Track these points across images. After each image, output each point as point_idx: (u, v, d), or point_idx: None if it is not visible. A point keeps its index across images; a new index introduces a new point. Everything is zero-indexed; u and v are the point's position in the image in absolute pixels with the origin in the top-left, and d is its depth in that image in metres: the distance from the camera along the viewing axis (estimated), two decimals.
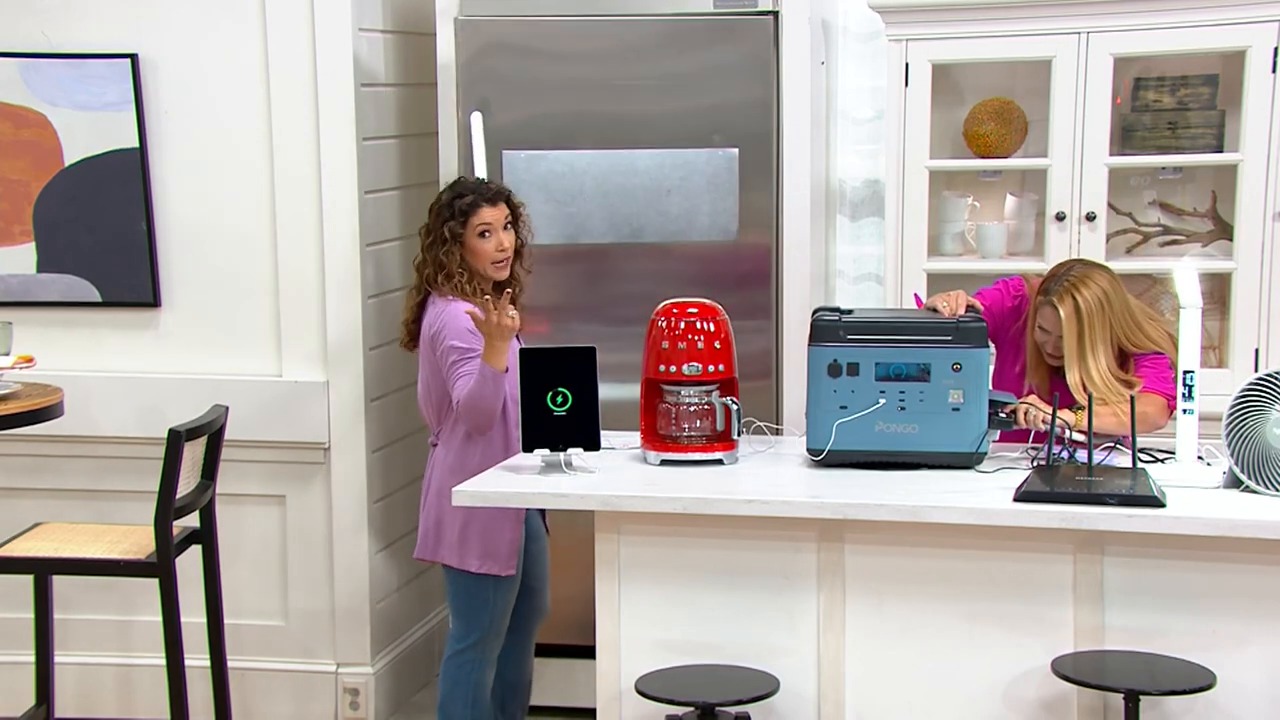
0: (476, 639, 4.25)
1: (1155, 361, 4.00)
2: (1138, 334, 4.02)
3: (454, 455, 4.19)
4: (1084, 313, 3.96)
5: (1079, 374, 3.94)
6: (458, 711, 4.27)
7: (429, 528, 4.23)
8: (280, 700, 5.12)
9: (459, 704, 4.27)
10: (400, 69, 5.21)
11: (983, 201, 5.13)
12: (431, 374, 4.21)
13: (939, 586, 3.52)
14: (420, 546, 4.26)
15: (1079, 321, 3.96)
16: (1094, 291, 3.97)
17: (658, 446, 3.86)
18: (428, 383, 4.24)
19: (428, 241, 4.21)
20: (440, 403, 4.20)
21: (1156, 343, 4.02)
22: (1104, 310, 3.97)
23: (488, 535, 4.16)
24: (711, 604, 3.63)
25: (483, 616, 4.23)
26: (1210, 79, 4.88)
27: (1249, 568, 3.37)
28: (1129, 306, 4.04)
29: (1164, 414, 3.92)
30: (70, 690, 5.05)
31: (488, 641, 4.27)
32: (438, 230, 4.18)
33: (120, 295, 5.06)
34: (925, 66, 4.84)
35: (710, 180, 4.83)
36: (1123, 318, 4.01)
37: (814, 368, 3.76)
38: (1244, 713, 3.39)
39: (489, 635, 4.26)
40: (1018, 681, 3.49)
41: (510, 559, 4.20)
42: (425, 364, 4.24)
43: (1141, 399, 3.78)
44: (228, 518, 4.76)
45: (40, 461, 5.09)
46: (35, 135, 4.99)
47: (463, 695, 4.27)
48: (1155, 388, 3.94)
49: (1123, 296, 4.04)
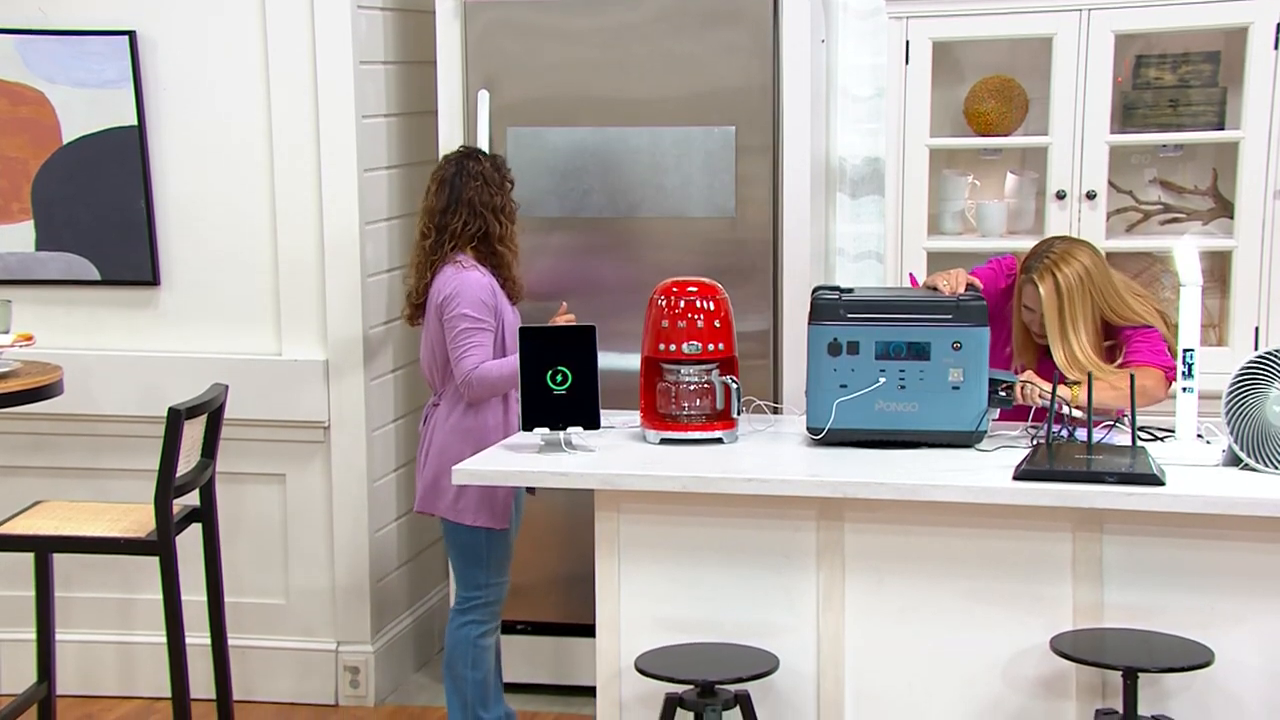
0: (478, 599, 4.33)
1: (1146, 335, 3.99)
2: (1123, 308, 4.00)
3: (455, 414, 4.28)
4: (1064, 290, 3.94)
5: (1063, 351, 3.93)
6: (462, 673, 4.35)
7: (429, 483, 4.32)
8: (281, 678, 5.13)
9: (461, 665, 4.35)
10: (398, 47, 5.20)
11: (983, 180, 5.13)
12: (436, 337, 4.28)
13: (938, 565, 3.52)
14: (421, 500, 4.37)
15: (1059, 298, 3.94)
16: (1075, 268, 3.96)
17: (657, 425, 3.86)
18: (432, 346, 4.31)
19: (467, 201, 4.27)
20: (445, 365, 4.28)
21: (1142, 316, 4.00)
22: (1084, 286, 3.96)
23: (484, 490, 4.25)
24: (711, 582, 3.63)
25: (480, 572, 4.32)
26: (1212, 56, 4.86)
27: (1248, 545, 3.37)
28: (1112, 281, 4.02)
29: (1162, 386, 3.91)
30: (71, 667, 5.06)
31: (489, 602, 4.35)
32: (483, 195, 4.28)
33: (119, 273, 5.06)
34: (926, 44, 4.83)
35: (707, 158, 4.83)
36: (1106, 292, 3.99)
37: (814, 346, 3.75)
38: (1242, 689, 3.40)
39: (489, 593, 4.34)
40: (1017, 659, 3.50)
41: (505, 514, 4.30)
42: (431, 328, 4.30)
43: (1139, 373, 3.79)
44: (228, 496, 4.77)
45: (40, 440, 5.09)
46: (33, 113, 4.99)
47: (463, 656, 4.34)
48: (1150, 360, 3.93)
49: (1105, 271, 4.02)
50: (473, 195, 4.29)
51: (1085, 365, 3.89)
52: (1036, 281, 3.97)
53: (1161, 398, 3.91)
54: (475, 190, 4.30)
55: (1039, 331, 4.05)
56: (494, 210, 4.31)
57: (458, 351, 4.19)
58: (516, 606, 4.98)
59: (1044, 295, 3.95)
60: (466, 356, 4.17)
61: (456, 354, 4.19)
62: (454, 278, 4.24)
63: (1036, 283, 3.97)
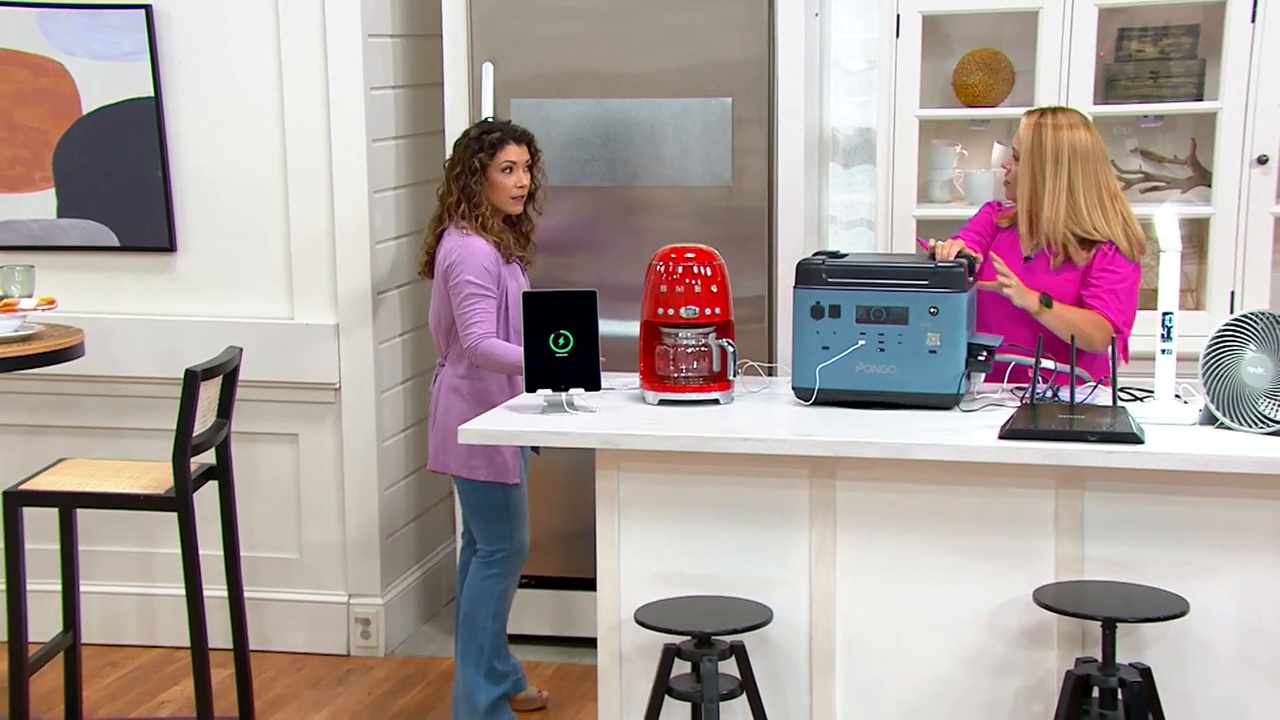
0: (502, 552, 4.32)
1: (1114, 270, 3.93)
2: (1092, 211, 3.93)
3: (459, 376, 4.28)
4: (1049, 149, 3.90)
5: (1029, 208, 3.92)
6: (482, 624, 4.34)
7: (439, 442, 4.31)
8: (295, 629, 5.15)
9: (483, 616, 4.34)
10: (405, 22, 5.17)
11: (971, 149, 5.11)
12: (442, 301, 4.27)
13: (926, 521, 3.52)
14: (433, 460, 4.37)
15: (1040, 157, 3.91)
16: (1066, 137, 3.91)
17: (656, 387, 3.85)
18: (439, 309, 4.30)
19: (455, 172, 4.28)
20: (450, 328, 4.27)
21: (1101, 230, 3.93)
22: (1071, 157, 3.90)
23: (491, 447, 4.24)
24: (707, 538, 3.63)
25: (499, 525, 4.31)
26: (1191, 29, 4.84)
27: (1223, 501, 3.38)
28: (1095, 176, 3.95)
29: (1106, 340, 3.87)
30: (95, 618, 5.07)
31: (511, 556, 4.35)
32: (466, 161, 4.26)
33: (137, 240, 5.05)
34: (915, 18, 4.80)
35: (704, 128, 4.81)
36: (1086, 183, 3.93)
37: (799, 310, 3.75)
38: (1214, 638, 3.41)
39: (511, 545, 4.33)
40: (1001, 610, 3.50)
41: (514, 469, 4.29)
42: (438, 291, 4.29)
43: (1091, 320, 3.84)
44: (243, 455, 4.77)
45: (63, 400, 5.09)
46: (54, 84, 4.97)
47: (485, 608, 4.34)
48: (1108, 312, 3.90)
49: (1093, 161, 3.94)
50: (454, 170, 4.30)
51: (1049, 235, 3.90)
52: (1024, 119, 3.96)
53: (1099, 350, 3.90)
54: (453, 162, 4.31)
55: (1005, 166, 4.02)
56: (470, 172, 4.24)
57: (465, 318, 4.17)
58: None
59: (1020, 133, 3.92)
60: (474, 324, 4.16)
61: (463, 320, 4.18)
62: (459, 244, 4.22)
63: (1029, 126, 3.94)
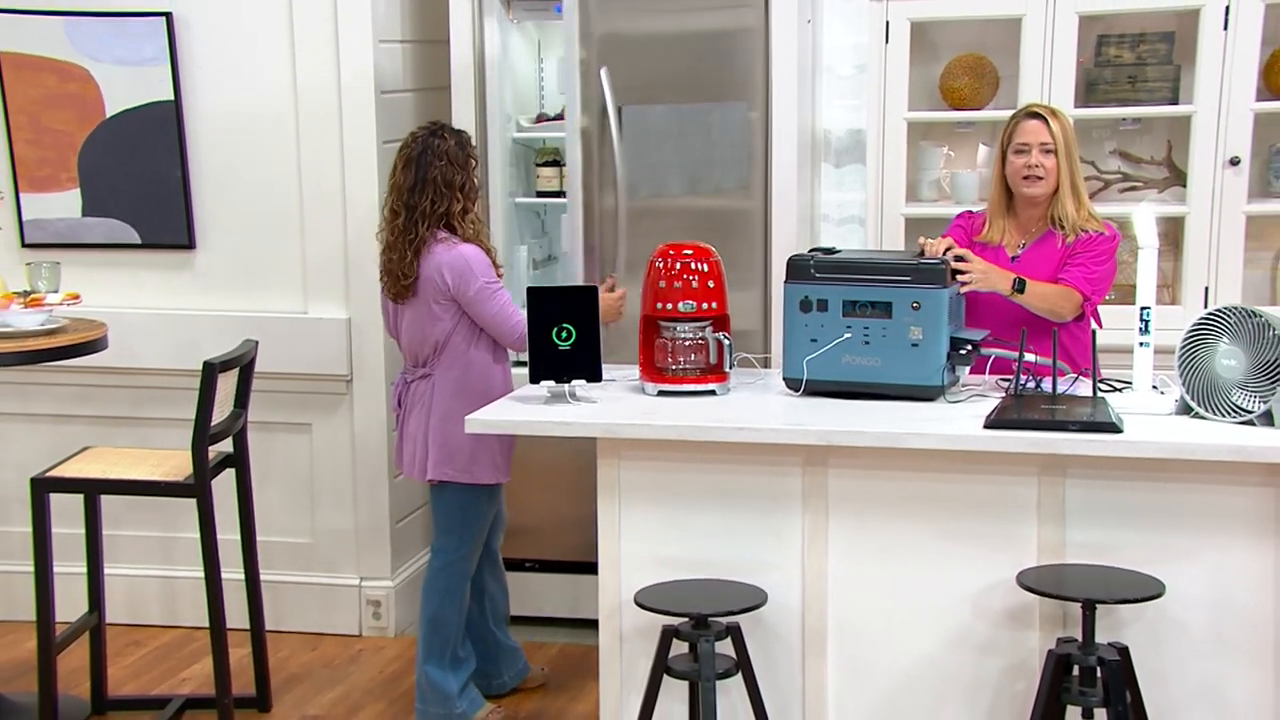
0: (468, 549, 4.30)
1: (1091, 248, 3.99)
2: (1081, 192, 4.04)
3: (454, 382, 4.19)
4: (1070, 133, 4.00)
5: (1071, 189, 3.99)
6: (450, 618, 4.30)
7: (439, 450, 4.20)
8: (309, 611, 5.18)
9: (451, 611, 4.30)
10: (415, 28, 5.18)
11: (957, 150, 5.14)
12: (443, 313, 4.14)
13: (914, 507, 3.54)
14: (434, 468, 4.22)
15: (1068, 138, 3.99)
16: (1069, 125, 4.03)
17: (655, 378, 3.87)
18: (426, 323, 4.16)
19: (433, 180, 4.11)
20: (447, 339, 4.16)
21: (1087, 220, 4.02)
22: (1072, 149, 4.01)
23: (502, 447, 4.25)
24: (704, 524, 3.65)
25: (474, 526, 4.29)
26: (1167, 36, 4.87)
27: (1198, 487, 3.39)
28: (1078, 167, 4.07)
29: (1074, 311, 3.96)
30: (119, 599, 5.11)
31: (475, 551, 4.34)
32: (447, 174, 4.12)
33: (158, 238, 5.07)
34: (904, 24, 4.83)
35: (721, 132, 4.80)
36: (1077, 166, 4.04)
37: (788, 304, 3.77)
38: (1189, 618, 3.43)
39: (477, 543, 4.33)
40: (985, 593, 3.52)
41: (508, 467, 4.32)
42: (423, 308, 4.15)
43: (1062, 294, 3.91)
44: (259, 444, 4.79)
45: (87, 391, 5.12)
46: (79, 88, 4.99)
47: (453, 604, 4.30)
48: (1080, 284, 3.96)
49: None
50: (437, 174, 4.11)
51: (1076, 222, 3.96)
52: (1046, 116, 3.99)
53: (1067, 319, 3.96)
54: (440, 169, 4.12)
55: (1033, 164, 3.99)
56: (457, 188, 4.14)
57: (505, 315, 4.11)
58: (525, 545, 5.03)
59: (1055, 130, 3.96)
60: (513, 315, 4.12)
61: (505, 317, 4.11)
62: (457, 258, 4.10)
63: (1046, 117, 3.98)
